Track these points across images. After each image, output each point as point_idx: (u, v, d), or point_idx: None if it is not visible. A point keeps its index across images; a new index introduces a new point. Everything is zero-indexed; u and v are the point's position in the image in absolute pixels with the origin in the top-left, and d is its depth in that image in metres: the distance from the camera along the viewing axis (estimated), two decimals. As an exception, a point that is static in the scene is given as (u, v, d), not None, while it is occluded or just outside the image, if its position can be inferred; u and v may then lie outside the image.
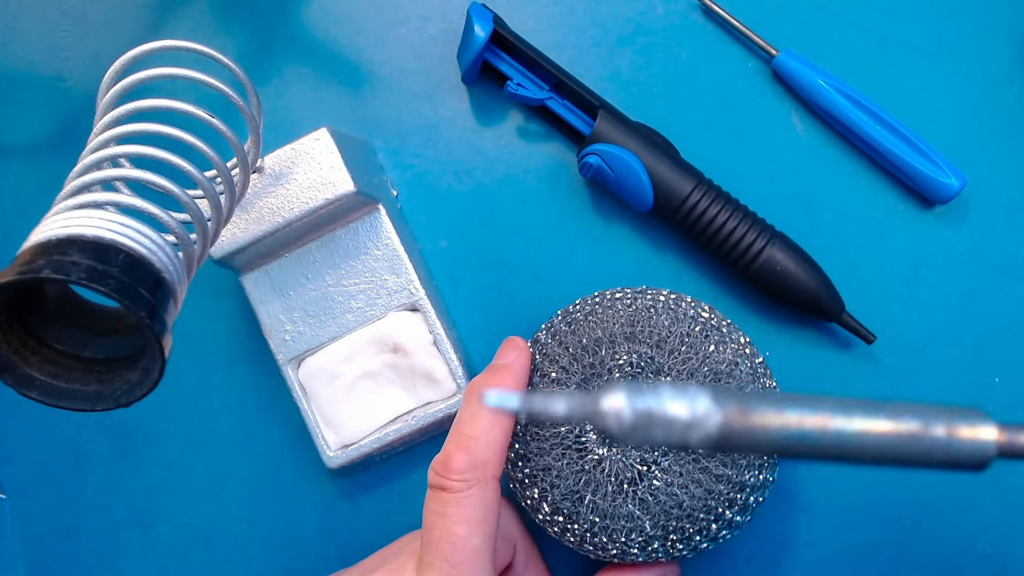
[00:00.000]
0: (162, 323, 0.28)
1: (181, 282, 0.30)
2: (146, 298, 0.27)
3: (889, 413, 0.24)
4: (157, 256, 0.29)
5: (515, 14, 0.45)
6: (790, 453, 0.24)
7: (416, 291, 0.42)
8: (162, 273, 0.29)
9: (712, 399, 0.23)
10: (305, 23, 0.46)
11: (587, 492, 0.37)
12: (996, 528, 0.42)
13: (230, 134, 0.34)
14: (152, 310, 0.28)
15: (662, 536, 0.37)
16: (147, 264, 0.28)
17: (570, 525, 0.38)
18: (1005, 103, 0.43)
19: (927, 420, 0.24)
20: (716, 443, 0.23)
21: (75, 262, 0.27)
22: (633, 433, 0.22)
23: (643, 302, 0.39)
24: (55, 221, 0.28)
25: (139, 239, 0.29)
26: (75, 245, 0.27)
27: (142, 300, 0.27)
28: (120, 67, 0.34)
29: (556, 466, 0.38)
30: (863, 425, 0.24)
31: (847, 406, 0.24)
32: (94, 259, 0.27)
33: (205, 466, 0.45)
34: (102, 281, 0.27)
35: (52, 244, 0.27)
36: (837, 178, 0.44)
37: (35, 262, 0.26)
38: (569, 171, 0.45)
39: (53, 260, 0.26)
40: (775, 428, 0.23)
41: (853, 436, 0.24)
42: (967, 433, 0.24)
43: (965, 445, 0.24)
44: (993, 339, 0.43)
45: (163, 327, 0.28)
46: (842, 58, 0.44)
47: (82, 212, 0.29)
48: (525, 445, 0.38)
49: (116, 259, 0.27)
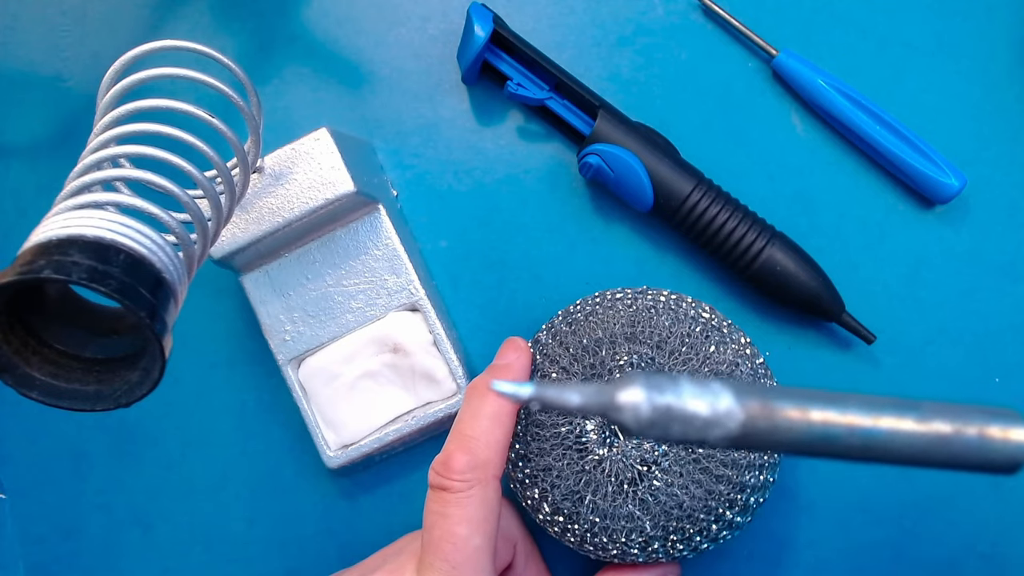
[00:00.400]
0: (162, 323, 0.28)
1: (181, 282, 0.30)
2: (147, 298, 0.27)
3: (919, 414, 0.23)
4: (157, 256, 0.29)
5: (515, 14, 0.45)
6: (813, 452, 0.23)
7: (416, 291, 0.42)
8: (162, 273, 0.29)
9: (735, 396, 0.22)
10: (305, 23, 0.46)
11: (587, 492, 0.37)
12: (996, 528, 0.42)
13: (230, 134, 0.34)
14: (152, 310, 0.28)
15: (662, 536, 0.37)
16: (148, 264, 0.28)
17: (570, 525, 0.38)
18: (1005, 103, 0.43)
19: (958, 420, 0.23)
20: (736, 441, 0.22)
21: (76, 262, 0.27)
22: (650, 428, 0.21)
23: (644, 302, 0.39)
24: (55, 221, 0.28)
25: (140, 239, 0.29)
26: (76, 245, 0.27)
27: (143, 300, 0.27)
28: (120, 67, 0.34)
29: (556, 466, 0.38)
30: (892, 424, 0.23)
31: (875, 405, 0.23)
32: (95, 259, 0.27)
33: (205, 466, 0.45)
34: (103, 281, 0.27)
35: (53, 244, 0.27)
36: (837, 178, 0.44)
37: (35, 262, 0.26)
38: (569, 171, 0.45)
39: (54, 260, 0.26)
40: (799, 428, 0.22)
41: (881, 437, 0.23)
42: (999, 434, 0.23)
43: (997, 447, 0.23)
44: (993, 339, 0.43)
45: (163, 327, 0.28)
46: (842, 58, 0.44)
47: (83, 212, 0.29)
48: (526, 445, 0.38)
49: (117, 259, 0.27)
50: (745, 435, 0.22)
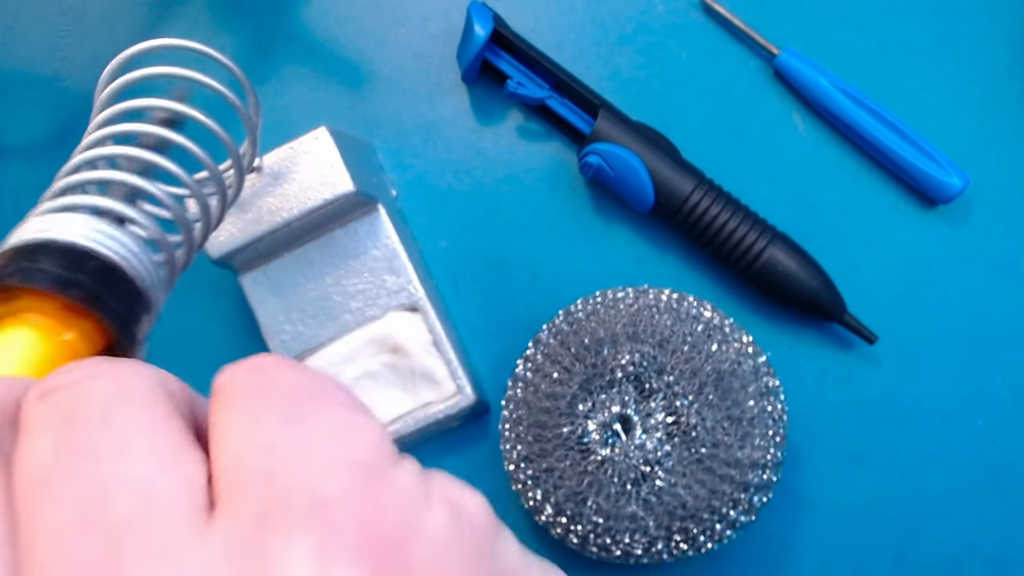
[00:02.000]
0: (130, 335, 0.27)
1: (160, 290, 0.29)
2: (114, 308, 0.26)
3: None
4: (131, 264, 0.28)
5: (515, 13, 0.45)
6: None
7: (416, 291, 0.42)
8: (136, 282, 0.28)
9: None
10: (305, 22, 0.46)
11: (590, 493, 0.37)
12: (999, 530, 0.42)
13: (224, 135, 0.34)
14: (121, 321, 0.26)
15: (666, 537, 0.37)
16: (120, 271, 0.27)
17: (573, 527, 0.38)
18: (1007, 102, 0.43)
19: None
20: None
21: (42, 269, 0.26)
22: None
23: (645, 302, 0.39)
24: (32, 224, 0.28)
25: (113, 246, 0.27)
26: (45, 251, 0.26)
27: (110, 310, 0.26)
28: (117, 65, 0.34)
29: (559, 467, 0.37)
30: None
31: None
32: (62, 267, 0.26)
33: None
34: (67, 290, 0.26)
35: (27, 248, 0.27)
36: (839, 178, 0.44)
37: (5, 267, 0.26)
38: (569, 170, 0.45)
39: (22, 267, 0.26)
40: None
41: None
42: None
43: None
44: (995, 339, 0.43)
45: (132, 339, 0.27)
46: (844, 57, 0.44)
47: (60, 216, 0.28)
48: (528, 447, 0.38)
49: (87, 266, 0.26)
50: None
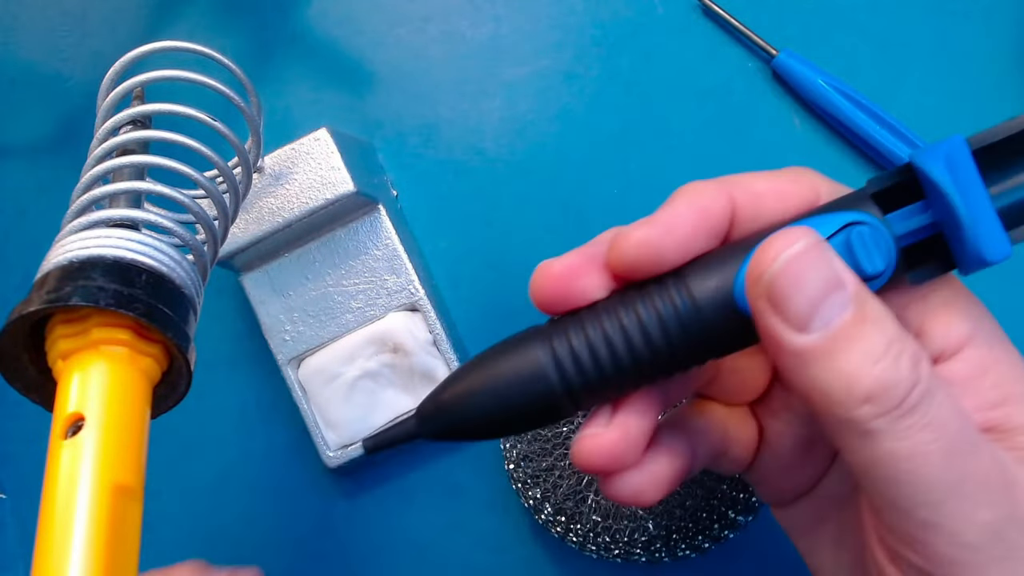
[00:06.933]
0: (186, 338, 0.28)
1: (199, 292, 0.30)
2: (171, 317, 0.27)
3: None
4: (176, 271, 0.29)
5: (515, 13, 0.45)
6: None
7: (416, 291, 0.42)
8: (183, 289, 0.29)
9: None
10: (305, 23, 0.46)
11: (590, 492, 0.37)
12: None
13: (231, 136, 0.34)
14: (177, 328, 0.28)
15: (665, 536, 0.37)
16: (168, 281, 0.28)
17: (573, 526, 0.38)
18: (1006, 103, 0.43)
19: None
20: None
21: (101, 287, 0.26)
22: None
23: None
24: (72, 241, 0.28)
25: (157, 256, 0.28)
26: (98, 268, 0.27)
27: (168, 320, 0.27)
28: (120, 69, 0.34)
29: (559, 466, 0.38)
30: None
31: None
32: (119, 282, 0.27)
33: (205, 466, 0.45)
34: (129, 306, 0.26)
35: (75, 267, 0.27)
36: (837, 178, 0.43)
37: (62, 288, 0.26)
38: (569, 171, 0.45)
39: (80, 286, 0.26)
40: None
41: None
42: None
43: None
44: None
45: (187, 342, 0.28)
46: (842, 58, 0.44)
47: (98, 232, 0.28)
48: (527, 446, 0.38)
49: (139, 280, 0.27)
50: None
